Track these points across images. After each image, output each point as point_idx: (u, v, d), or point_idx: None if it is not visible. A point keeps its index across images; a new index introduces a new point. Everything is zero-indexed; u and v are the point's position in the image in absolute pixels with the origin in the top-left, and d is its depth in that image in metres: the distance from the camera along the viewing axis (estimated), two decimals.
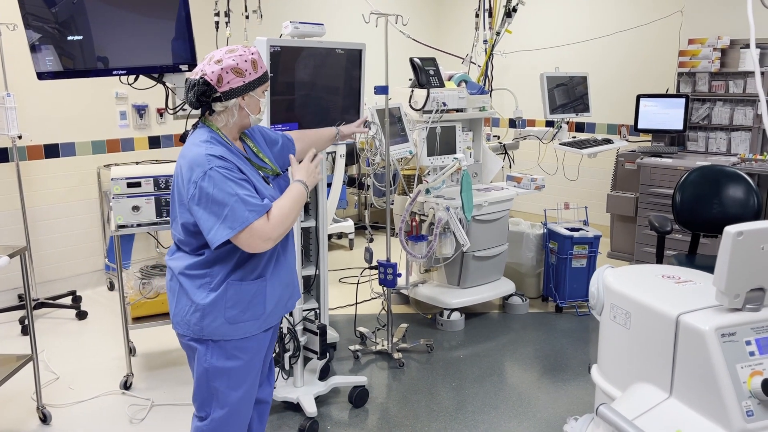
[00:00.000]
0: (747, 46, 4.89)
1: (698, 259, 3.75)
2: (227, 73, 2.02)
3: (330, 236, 6.16)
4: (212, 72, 2.02)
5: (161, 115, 5.17)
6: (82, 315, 4.45)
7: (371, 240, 3.95)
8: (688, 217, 3.80)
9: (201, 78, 2.02)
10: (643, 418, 1.47)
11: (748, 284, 1.51)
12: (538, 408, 3.31)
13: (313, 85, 3.07)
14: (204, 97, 2.03)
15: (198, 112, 2.12)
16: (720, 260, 1.48)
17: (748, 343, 1.47)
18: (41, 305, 4.48)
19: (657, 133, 5.34)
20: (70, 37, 2.85)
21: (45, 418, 3.15)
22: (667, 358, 1.53)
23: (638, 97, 5.30)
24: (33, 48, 2.78)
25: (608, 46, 6.03)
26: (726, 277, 1.47)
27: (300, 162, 2.27)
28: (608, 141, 5.01)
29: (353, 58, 3.19)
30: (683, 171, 4.47)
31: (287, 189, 2.14)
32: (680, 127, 5.13)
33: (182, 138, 2.16)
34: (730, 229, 1.45)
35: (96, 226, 5.00)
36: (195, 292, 2.07)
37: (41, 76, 2.85)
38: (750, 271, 1.49)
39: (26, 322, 3.99)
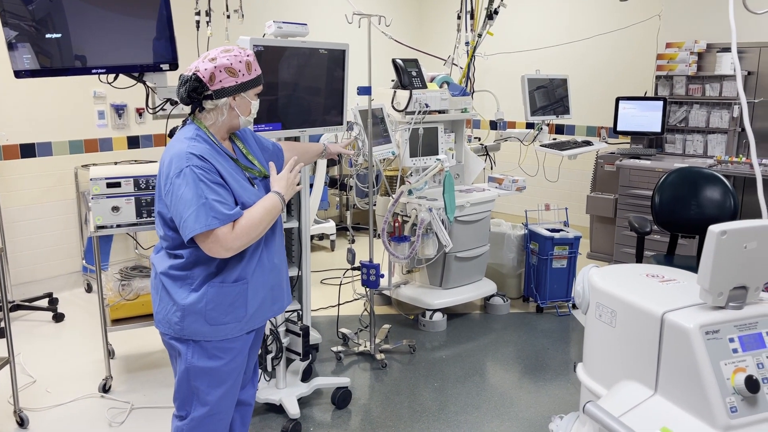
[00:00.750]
0: (723, 50, 4.97)
1: (677, 260, 3.80)
2: (220, 71, 2.03)
3: (311, 237, 6.14)
4: (205, 69, 2.03)
5: (140, 114, 5.11)
6: (58, 317, 4.38)
7: (352, 241, 3.95)
8: (666, 218, 3.85)
9: (194, 74, 2.02)
10: (629, 415, 1.48)
11: (731, 282, 1.53)
12: (520, 407, 3.33)
13: (296, 85, 3.06)
14: (195, 93, 2.04)
15: (186, 111, 2.12)
16: (704, 259, 1.50)
17: (732, 340, 1.49)
18: (17, 307, 4.40)
19: (636, 136, 5.41)
20: (48, 35, 2.81)
21: (22, 422, 3.09)
22: (653, 355, 1.54)
23: (617, 100, 5.37)
24: (10, 46, 2.73)
25: (588, 49, 6.10)
26: (710, 275, 1.49)
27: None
28: (588, 143, 5.05)
29: (336, 58, 3.19)
30: (662, 173, 4.52)
31: (262, 199, 2.10)
32: (658, 129, 5.20)
33: (170, 134, 2.16)
34: (714, 228, 1.47)
35: (73, 227, 4.93)
36: (176, 292, 2.07)
37: (19, 74, 2.80)
38: (733, 270, 1.52)
39: (2, 324, 3.92)
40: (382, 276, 3.76)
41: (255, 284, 2.14)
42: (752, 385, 1.42)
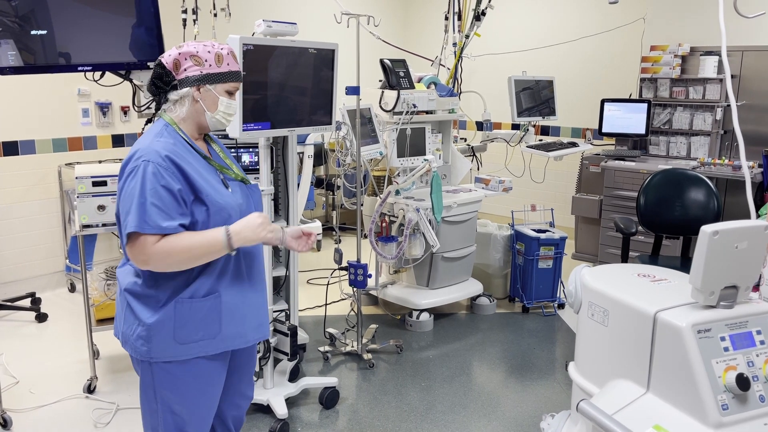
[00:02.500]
0: (707, 53, 5.03)
1: (661, 260, 3.83)
2: (186, 59, 1.91)
3: None
4: (169, 56, 1.92)
5: (125, 113, 5.06)
6: (41, 317, 4.33)
7: (339, 241, 3.94)
8: (651, 218, 3.89)
9: (158, 61, 1.92)
10: (622, 413, 1.49)
11: (723, 282, 1.55)
12: (506, 407, 3.34)
13: (285, 84, 3.05)
14: (160, 81, 1.93)
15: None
16: (696, 258, 1.51)
17: (723, 339, 1.51)
18: None
19: (620, 137, 5.46)
20: (32, 32, 2.78)
21: (5, 423, 3.05)
22: (645, 354, 1.56)
23: (602, 102, 5.41)
24: None
25: (573, 51, 6.15)
26: (702, 275, 1.50)
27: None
28: (574, 144, 5.09)
29: (326, 58, 3.18)
30: (646, 174, 4.57)
31: (206, 231, 1.88)
32: (643, 131, 5.25)
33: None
34: (706, 229, 1.49)
35: (56, 226, 4.87)
36: (141, 311, 1.90)
37: (2, 71, 2.77)
38: (724, 270, 1.54)
39: None
40: (370, 276, 3.76)
41: (231, 298, 1.98)
42: (743, 382, 1.44)
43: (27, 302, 4.48)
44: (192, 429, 2.07)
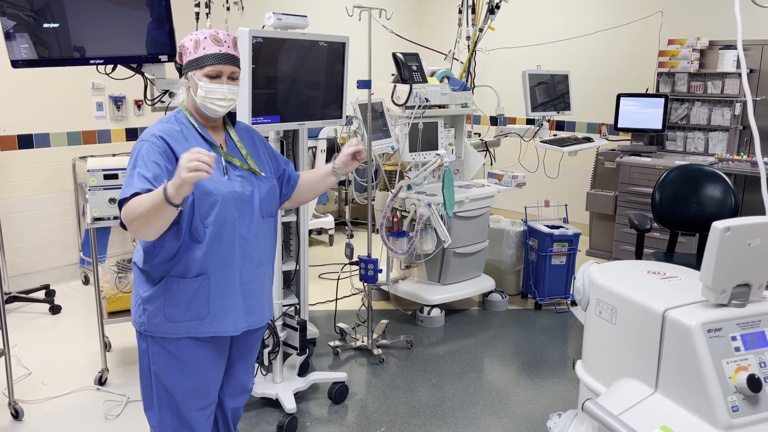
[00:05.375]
0: (726, 47, 4.94)
1: (676, 257, 3.78)
2: (182, 49, 2.04)
3: (310, 232, 6.12)
4: (179, 46, 2.06)
5: (139, 107, 5.08)
6: (55, 309, 4.36)
7: (351, 236, 3.92)
8: (666, 215, 3.83)
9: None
10: (629, 413, 1.46)
11: (735, 280, 1.51)
12: (517, 404, 3.31)
13: (295, 78, 3.03)
14: (177, 70, 2.09)
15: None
16: (707, 256, 1.48)
17: (734, 338, 1.47)
18: (14, 299, 4.38)
19: (636, 132, 5.39)
20: (45, 25, 2.78)
21: (17, 414, 3.08)
22: (653, 353, 1.52)
23: (618, 96, 5.34)
24: (7, 35, 2.71)
25: (589, 45, 6.07)
26: (713, 272, 1.47)
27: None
28: (588, 139, 5.03)
29: (336, 51, 3.15)
30: (662, 170, 4.50)
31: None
32: (659, 126, 5.17)
33: None
34: (718, 225, 1.45)
35: (71, 219, 4.90)
36: (141, 283, 2.04)
37: (15, 64, 2.78)
38: (736, 267, 1.50)
39: None
40: (380, 271, 3.74)
41: (220, 282, 2.03)
42: (754, 384, 1.40)
43: (41, 294, 4.52)
44: (186, 411, 2.12)
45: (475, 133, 5.37)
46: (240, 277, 2.08)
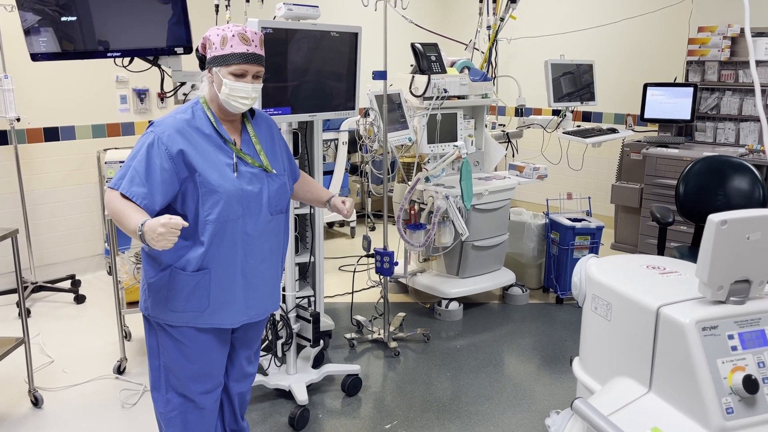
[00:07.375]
0: (758, 34, 4.78)
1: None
2: (206, 42, 2.04)
3: (332, 224, 6.12)
4: (203, 38, 2.05)
5: (162, 99, 5.14)
6: (80, 299, 4.45)
7: (372, 228, 3.91)
8: (691, 208, 3.72)
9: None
10: (620, 413, 1.42)
11: (733, 276, 1.45)
12: (533, 399, 3.27)
13: (307, 69, 3.02)
14: (200, 62, 2.09)
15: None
16: (703, 250, 1.42)
17: (731, 337, 1.41)
18: (40, 288, 4.48)
19: (664, 123, 5.25)
20: (64, 18, 2.82)
21: (36, 402, 3.15)
22: (647, 351, 1.47)
23: (645, 86, 5.21)
24: (27, 30, 2.76)
25: (615, 34, 5.92)
26: (709, 267, 1.41)
27: None
28: (613, 130, 4.92)
29: (349, 41, 3.13)
30: (689, 162, 4.38)
31: (135, 212, 1.85)
32: (688, 117, 5.03)
33: None
34: (713, 218, 1.39)
35: (96, 211, 4.99)
36: (148, 269, 2.08)
37: (35, 57, 2.83)
38: (734, 262, 1.43)
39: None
40: (396, 263, 3.72)
41: (221, 277, 2.05)
42: (751, 385, 1.34)
43: (67, 284, 4.62)
44: (191, 395, 2.16)
45: (499, 125, 5.30)
46: (242, 273, 2.10)
